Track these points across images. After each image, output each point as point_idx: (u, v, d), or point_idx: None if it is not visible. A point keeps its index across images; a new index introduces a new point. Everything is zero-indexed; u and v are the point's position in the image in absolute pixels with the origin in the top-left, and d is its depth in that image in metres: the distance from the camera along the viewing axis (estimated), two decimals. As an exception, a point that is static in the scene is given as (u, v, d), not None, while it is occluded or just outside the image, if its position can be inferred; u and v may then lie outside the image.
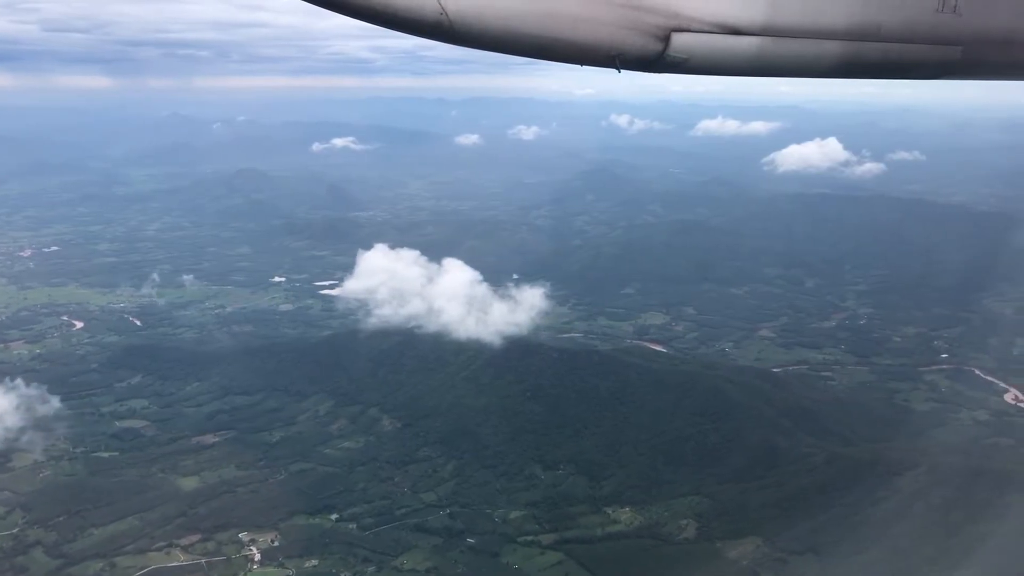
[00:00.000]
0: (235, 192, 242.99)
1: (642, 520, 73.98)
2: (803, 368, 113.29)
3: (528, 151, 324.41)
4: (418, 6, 5.50)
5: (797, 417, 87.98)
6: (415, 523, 74.47)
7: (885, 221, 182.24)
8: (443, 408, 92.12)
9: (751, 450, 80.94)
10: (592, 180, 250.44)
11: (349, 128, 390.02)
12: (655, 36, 6.34)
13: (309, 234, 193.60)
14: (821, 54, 7.13)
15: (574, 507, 76.62)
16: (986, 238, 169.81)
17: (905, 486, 69.03)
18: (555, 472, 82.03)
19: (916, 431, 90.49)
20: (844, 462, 75.01)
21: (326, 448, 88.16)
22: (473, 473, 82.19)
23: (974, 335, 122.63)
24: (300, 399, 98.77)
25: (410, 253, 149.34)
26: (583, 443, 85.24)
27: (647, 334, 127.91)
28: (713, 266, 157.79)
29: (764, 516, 71.91)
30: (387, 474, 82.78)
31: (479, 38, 5.80)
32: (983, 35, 7.67)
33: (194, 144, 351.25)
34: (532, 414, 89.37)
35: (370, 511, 76.48)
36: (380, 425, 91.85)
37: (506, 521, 74.62)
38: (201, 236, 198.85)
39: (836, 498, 71.16)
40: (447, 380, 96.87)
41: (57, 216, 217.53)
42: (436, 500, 78.18)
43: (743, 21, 6.65)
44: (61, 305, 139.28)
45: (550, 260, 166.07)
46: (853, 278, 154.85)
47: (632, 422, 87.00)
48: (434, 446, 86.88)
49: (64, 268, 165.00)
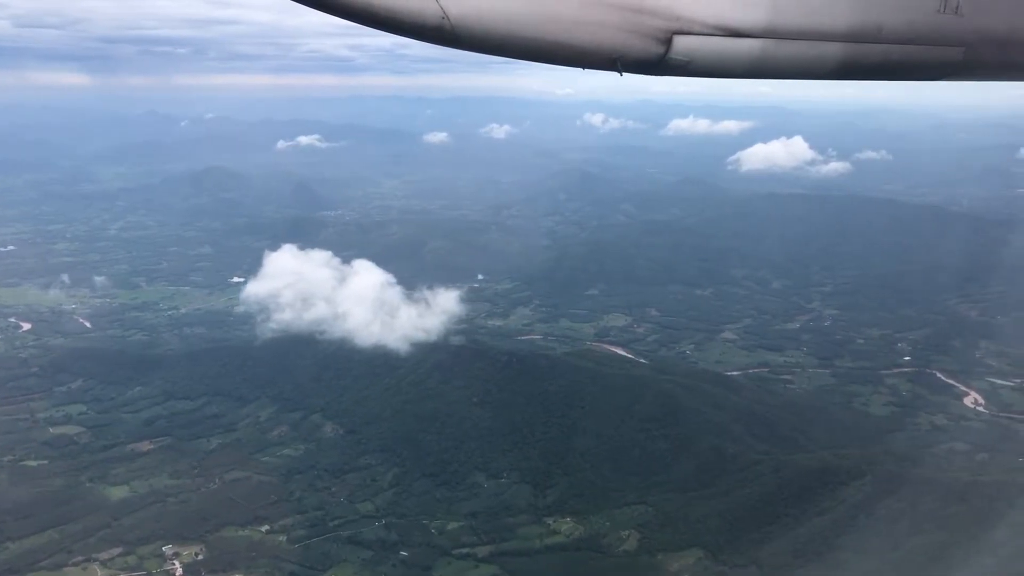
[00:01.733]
0: (202, 191, 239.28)
1: (583, 531, 71.50)
2: (763, 371, 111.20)
3: (503, 150, 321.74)
4: (419, 11, 5.44)
5: (749, 423, 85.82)
6: (348, 535, 71.71)
7: (856, 221, 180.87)
8: (387, 414, 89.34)
9: (699, 457, 78.69)
10: (566, 180, 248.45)
11: (321, 126, 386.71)
12: (656, 39, 6.29)
13: (272, 233, 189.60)
14: (822, 56, 7.05)
15: (515, 517, 74.02)
16: (957, 239, 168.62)
17: (850, 496, 66.85)
18: (498, 481, 79.44)
19: (871, 437, 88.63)
20: (791, 470, 72.76)
21: (264, 456, 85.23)
22: (413, 482, 79.49)
23: (938, 337, 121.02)
24: (242, 404, 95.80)
25: (322, 254, 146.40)
26: (529, 450, 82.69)
27: (608, 336, 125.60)
28: (680, 267, 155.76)
29: (708, 527, 69.62)
30: (324, 483, 79.95)
31: (481, 42, 5.74)
32: (985, 36, 7.56)
33: (166, 142, 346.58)
34: (478, 420, 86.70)
35: (303, 522, 73.66)
36: (322, 431, 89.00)
37: (443, 532, 71.98)
38: (164, 236, 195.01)
39: (781, 508, 68.96)
40: (393, 385, 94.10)
41: (18, 215, 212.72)
42: (373, 510, 75.44)
43: (744, 23, 6.57)
44: (9, 306, 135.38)
45: (515, 261, 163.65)
46: (821, 279, 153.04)
47: (580, 428, 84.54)
48: (375, 454, 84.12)
49: (18, 268, 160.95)
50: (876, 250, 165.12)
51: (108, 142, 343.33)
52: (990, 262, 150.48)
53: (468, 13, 5.58)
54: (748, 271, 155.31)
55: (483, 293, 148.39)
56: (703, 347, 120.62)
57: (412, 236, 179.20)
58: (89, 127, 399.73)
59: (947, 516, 60.36)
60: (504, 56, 6.04)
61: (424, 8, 5.47)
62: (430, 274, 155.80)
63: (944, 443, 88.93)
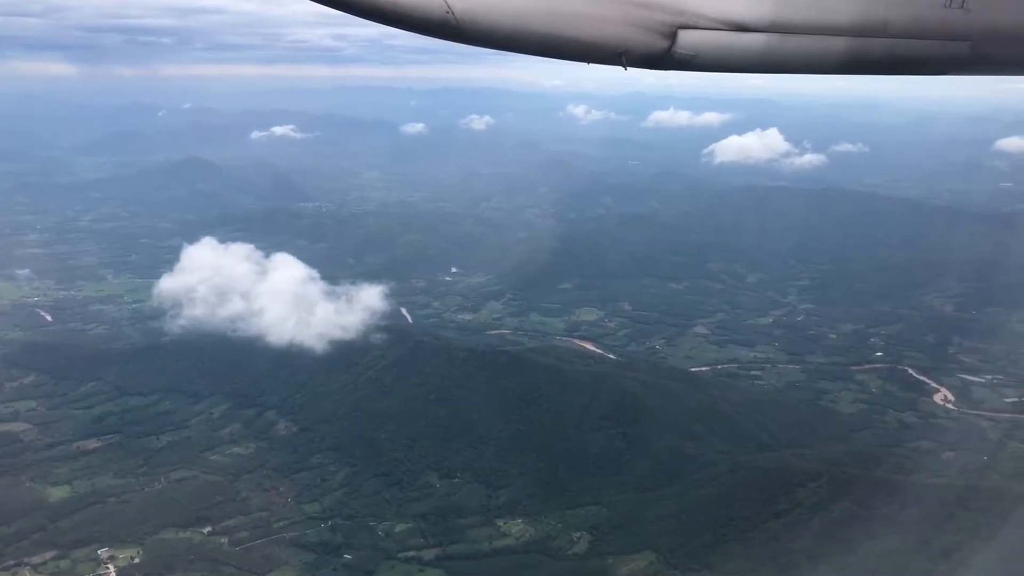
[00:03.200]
0: (179, 182, 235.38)
1: (534, 533, 69.54)
2: (732, 367, 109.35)
3: (486, 142, 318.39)
4: (425, 5, 5.39)
5: (711, 421, 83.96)
6: (292, 537, 69.61)
7: (835, 215, 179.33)
8: (342, 412, 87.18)
9: (657, 457, 76.80)
10: (547, 172, 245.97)
11: (304, 117, 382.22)
12: (662, 33, 6.23)
13: (246, 225, 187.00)
14: (828, 50, 6.98)
15: (465, 519, 72.03)
16: (935, 233, 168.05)
17: (806, 498, 65.02)
18: (451, 481, 77.39)
19: (835, 435, 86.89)
20: (748, 471, 70.90)
21: (213, 454, 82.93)
22: (364, 482, 77.37)
23: (912, 333, 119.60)
24: (197, 401, 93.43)
25: (243, 247, 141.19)
26: (484, 449, 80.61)
27: (578, 331, 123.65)
28: (655, 260, 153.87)
29: (662, 529, 67.75)
30: (273, 483, 77.76)
31: (486, 37, 5.69)
32: (991, 30, 7.51)
33: (147, 133, 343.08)
34: (434, 418, 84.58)
35: (246, 524, 71.49)
36: (275, 429, 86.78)
37: (390, 535, 69.92)
38: (136, 227, 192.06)
39: (736, 511, 67.05)
40: (350, 381, 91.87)
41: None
42: (320, 511, 73.30)
43: (750, 18, 6.51)
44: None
45: (490, 253, 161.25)
46: (797, 273, 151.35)
47: (537, 426, 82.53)
48: (327, 452, 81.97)
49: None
50: (854, 244, 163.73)
51: (89, 133, 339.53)
52: (967, 257, 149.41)
53: (473, 8, 5.54)
54: (724, 265, 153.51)
55: (455, 287, 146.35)
56: (674, 342, 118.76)
57: (388, 228, 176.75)
58: (71, 117, 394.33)
59: (901, 519, 58.54)
60: (509, 50, 5.94)
61: (429, 3, 5.42)
62: (402, 267, 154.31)
63: (911, 442, 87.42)
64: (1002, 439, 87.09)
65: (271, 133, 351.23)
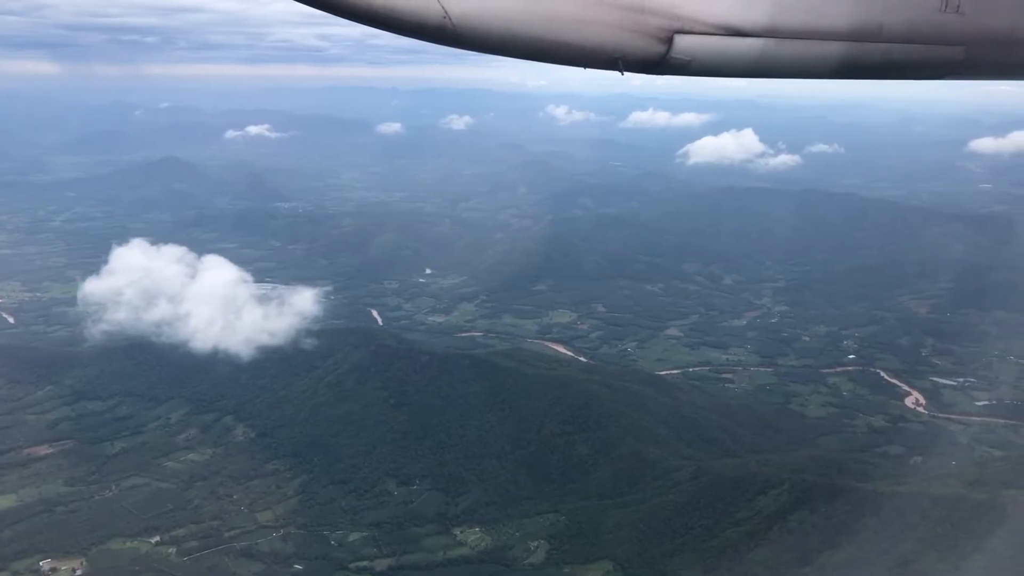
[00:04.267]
0: (155, 181, 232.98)
1: (490, 542, 67.92)
2: (704, 370, 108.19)
3: (467, 142, 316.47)
4: (421, 10, 5.41)
5: (677, 426, 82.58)
6: (243, 547, 67.72)
7: (812, 216, 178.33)
8: (301, 417, 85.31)
9: (619, 463, 75.29)
10: (527, 172, 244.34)
11: (286, 116, 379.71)
12: (657, 38, 6.22)
13: (219, 226, 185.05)
14: (823, 55, 6.97)
15: (421, 527, 70.37)
16: (912, 234, 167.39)
17: (766, 506, 63.63)
18: (409, 488, 75.68)
19: (803, 440, 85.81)
20: (710, 477, 69.44)
21: (168, 460, 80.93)
22: (320, 489, 75.60)
23: (885, 335, 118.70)
24: (155, 405, 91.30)
25: (176, 249, 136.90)
26: (444, 456, 78.91)
27: (550, 333, 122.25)
28: (631, 262, 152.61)
29: (620, 537, 66.25)
30: (227, 490, 75.84)
31: (482, 41, 5.70)
32: (987, 35, 7.53)
33: (127, 132, 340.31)
34: (394, 423, 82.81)
35: (196, 533, 69.58)
36: (232, 435, 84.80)
37: (343, 544, 68.19)
38: (108, 228, 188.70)
39: (695, 519, 65.62)
40: (311, 386, 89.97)
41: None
42: (273, 520, 71.47)
43: (745, 23, 6.49)
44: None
45: (465, 254, 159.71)
46: (773, 274, 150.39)
47: (499, 432, 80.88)
48: (284, 459, 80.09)
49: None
50: (831, 245, 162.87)
51: (68, 132, 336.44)
52: (944, 258, 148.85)
53: (470, 12, 5.51)
54: (701, 266, 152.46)
55: (428, 288, 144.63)
56: (646, 344, 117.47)
57: (363, 229, 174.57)
58: (50, 116, 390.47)
59: (859, 529, 57.23)
60: (505, 55, 5.96)
61: (426, 8, 5.40)
62: (376, 268, 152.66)
63: (879, 447, 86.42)
64: (971, 443, 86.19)
65: (249, 133, 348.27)
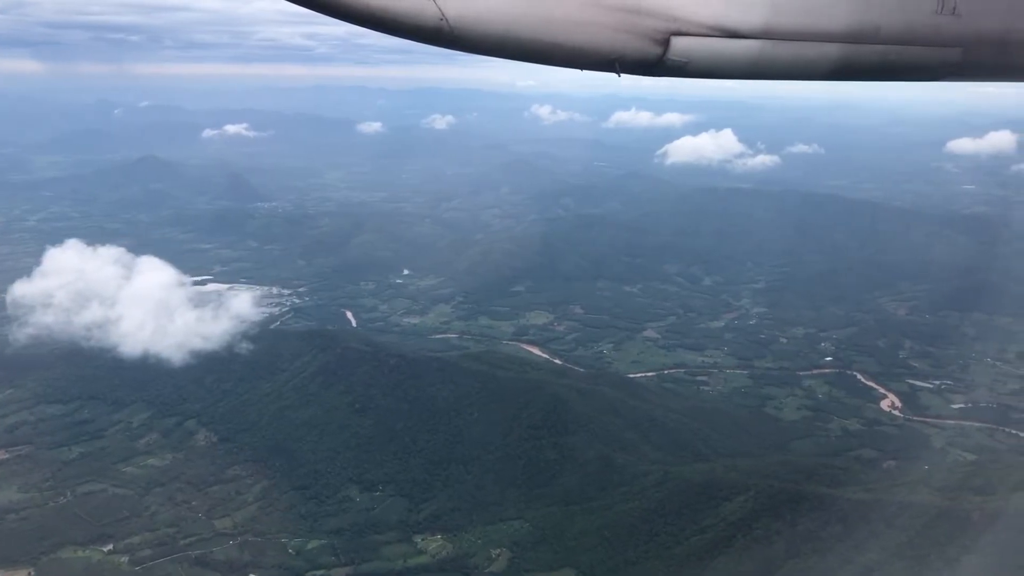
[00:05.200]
0: (134, 181, 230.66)
1: (452, 550, 66.37)
2: (679, 372, 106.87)
3: (452, 142, 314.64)
4: (418, 12, 5.41)
5: (647, 430, 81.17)
6: (198, 555, 66.00)
7: (794, 216, 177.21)
8: (264, 421, 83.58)
9: (586, 468, 73.79)
10: (511, 172, 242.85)
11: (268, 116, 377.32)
12: (654, 40, 6.22)
13: (197, 226, 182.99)
14: (820, 57, 6.99)
15: (382, 535, 68.74)
16: (894, 235, 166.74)
17: (732, 513, 62.25)
18: (372, 494, 74.03)
19: (776, 444, 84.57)
20: (677, 483, 68.01)
21: (127, 466, 79.08)
22: (281, 496, 73.90)
23: (863, 337, 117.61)
24: (117, 409, 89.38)
25: (114, 250, 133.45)
26: (409, 461, 77.32)
27: (526, 335, 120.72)
28: (610, 262, 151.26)
29: (584, 545, 64.79)
30: (185, 496, 74.08)
31: (479, 43, 5.70)
32: (982, 36, 7.55)
33: (109, 131, 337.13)
34: (358, 428, 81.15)
35: (151, 541, 67.79)
36: (194, 439, 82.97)
37: (300, 552, 66.54)
38: (84, 228, 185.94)
39: (661, 525, 64.20)
40: (275, 389, 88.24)
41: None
42: (231, 527, 69.72)
43: (742, 24, 6.51)
44: None
45: (444, 255, 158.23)
46: (753, 275, 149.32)
47: (466, 436, 79.29)
48: (246, 464, 78.37)
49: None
50: (812, 246, 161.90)
51: (49, 131, 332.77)
52: (924, 259, 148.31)
53: (466, 14, 5.51)
54: (681, 267, 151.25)
55: (405, 289, 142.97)
56: (622, 346, 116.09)
57: (342, 229, 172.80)
58: (32, 115, 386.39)
59: (825, 536, 55.94)
60: (502, 57, 5.95)
61: (422, 10, 5.40)
62: (353, 269, 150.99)
63: (852, 451, 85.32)
64: (945, 447, 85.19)
65: (232, 132, 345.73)
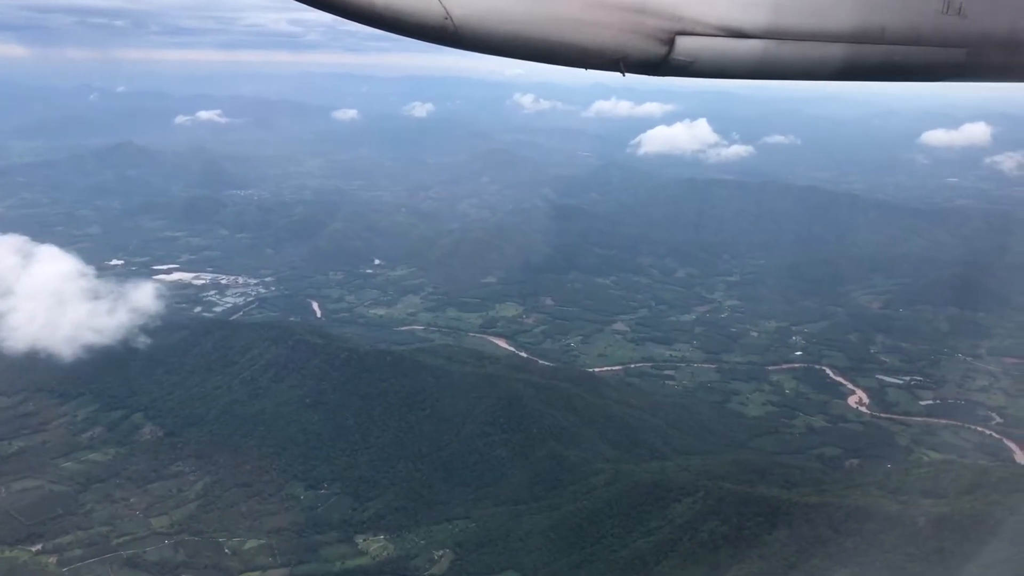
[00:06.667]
0: (109, 167, 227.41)
1: (393, 550, 64.33)
2: (646, 366, 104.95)
3: (435, 130, 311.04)
4: (422, 11, 5.39)
5: (604, 427, 79.18)
6: (129, 555, 63.70)
7: (773, 208, 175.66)
8: (212, 415, 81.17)
9: (538, 466, 71.72)
10: (492, 161, 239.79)
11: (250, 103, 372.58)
12: (659, 39, 6.19)
13: (168, 213, 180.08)
14: (825, 57, 6.95)
15: (323, 535, 66.63)
16: (873, 227, 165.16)
17: (679, 515, 60.32)
18: (317, 492, 71.85)
19: (737, 441, 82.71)
20: (627, 483, 66.02)
21: (67, 461, 76.56)
22: (223, 493, 71.59)
23: (835, 331, 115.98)
24: (63, 401, 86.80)
25: (15, 239, 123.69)
26: (357, 458, 75.15)
27: (494, 327, 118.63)
28: (584, 254, 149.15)
29: (529, 546, 62.75)
30: (124, 493, 71.69)
31: (484, 43, 5.69)
32: (988, 37, 7.54)
33: (89, 117, 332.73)
34: (307, 424, 78.89)
35: (83, 540, 65.44)
36: (139, 434, 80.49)
37: (237, 553, 64.34)
38: (53, 214, 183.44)
39: (608, 527, 62.25)
40: (226, 382, 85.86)
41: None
42: (168, 526, 67.41)
43: (747, 24, 6.46)
44: None
45: (417, 245, 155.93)
46: (728, 268, 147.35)
47: (417, 433, 77.14)
48: (190, 460, 75.99)
49: None
50: (789, 238, 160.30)
51: (29, 116, 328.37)
52: (902, 252, 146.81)
53: (471, 13, 5.48)
54: (655, 259, 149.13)
55: (374, 279, 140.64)
56: (590, 339, 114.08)
57: (314, 218, 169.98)
58: (12, 99, 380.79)
59: (770, 541, 54.05)
60: (507, 56, 5.91)
61: (427, 8, 5.36)
62: (323, 258, 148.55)
63: (815, 448, 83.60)
64: (909, 445, 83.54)
65: (212, 119, 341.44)
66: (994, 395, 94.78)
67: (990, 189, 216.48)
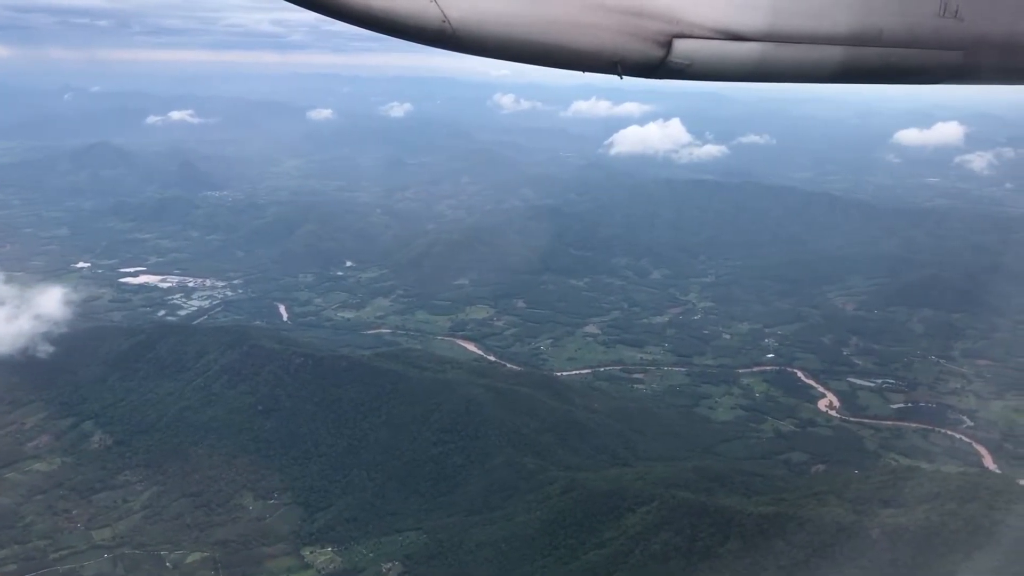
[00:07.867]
0: (84, 168, 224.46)
1: (340, 563, 62.32)
2: (615, 369, 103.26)
3: (416, 130, 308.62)
4: (420, 14, 5.35)
5: (564, 433, 77.25)
6: (66, 570, 61.59)
7: (751, 209, 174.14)
8: (163, 423, 78.88)
9: (494, 474, 69.74)
10: (471, 162, 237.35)
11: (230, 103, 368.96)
12: (657, 42, 6.15)
13: (139, 214, 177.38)
14: (823, 59, 6.94)
15: (270, 547, 64.60)
16: (851, 228, 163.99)
17: (632, 526, 58.46)
18: (266, 502, 69.79)
19: (702, 447, 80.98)
20: (581, 492, 64.13)
21: (11, 471, 74.16)
22: (170, 504, 69.44)
23: (808, 332, 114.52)
24: (13, 408, 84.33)
25: None
26: (310, 467, 73.09)
27: (463, 330, 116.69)
28: (559, 255, 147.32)
29: (480, 558, 60.83)
30: (67, 505, 69.45)
31: (482, 46, 5.65)
32: (985, 39, 7.54)
33: (68, 117, 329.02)
34: (259, 431, 76.73)
35: (19, 555, 63.20)
36: (88, 442, 78.13)
37: (178, 566, 62.24)
38: (22, 216, 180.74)
39: (561, 538, 60.34)
40: (179, 388, 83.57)
41: None
42: (109, 539, 65.28)
43: (745, 27, 6.43)
44: None
45: (390, 246, 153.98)
46: (704, 269, 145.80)
47: (371, 440, 75.12)
48: (137, 469, 73.78)
49: None
50: (767, 239, 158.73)
51: (9, 116, 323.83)
52: (878, 253, 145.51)
53: (469, 16, 5.44)
54: (630, 260, 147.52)
55: (344, 281, 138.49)
56: (561, 342, 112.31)
57: (287, 219, 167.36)
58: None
59: (722, 553, 52.26)
60: (505, 59, 5.86)
61: (425, 11, 5.33)
62: (294, 260, 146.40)
63: (782, 453, 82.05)
64: (878, 450, 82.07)
65: (190, 120, 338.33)
66: (965, 398, 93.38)
67: (969, 189, 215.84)
